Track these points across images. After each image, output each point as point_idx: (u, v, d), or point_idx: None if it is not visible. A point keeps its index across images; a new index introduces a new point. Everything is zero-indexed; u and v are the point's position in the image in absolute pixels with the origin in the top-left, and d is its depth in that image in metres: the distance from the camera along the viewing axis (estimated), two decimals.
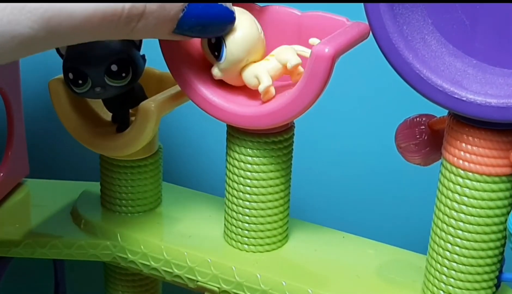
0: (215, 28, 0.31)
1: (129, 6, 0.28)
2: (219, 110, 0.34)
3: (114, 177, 0.39)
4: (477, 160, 0.30)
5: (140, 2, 0.28)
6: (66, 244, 0.39)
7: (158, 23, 0.29)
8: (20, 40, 0.26)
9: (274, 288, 0.35)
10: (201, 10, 0.30)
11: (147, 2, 0.28)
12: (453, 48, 0.30)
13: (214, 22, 0.31)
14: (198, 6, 0.30)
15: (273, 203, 0.36)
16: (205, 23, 0.30)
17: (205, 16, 0.30)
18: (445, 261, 0.32)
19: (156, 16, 0.28)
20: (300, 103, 0.32)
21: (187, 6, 0.29)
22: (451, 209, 0.31)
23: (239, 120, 0.33)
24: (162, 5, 0.28)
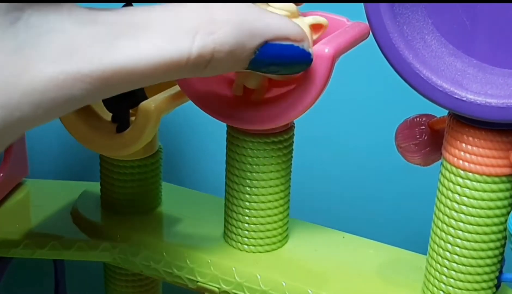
0: (291, 69, 0.29)
1: (195, 55, 0.25)
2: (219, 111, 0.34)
3: (114, 177, 0.39)
4: (477, 160, 0.30)
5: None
6: (66, 244, 0.39)
7: (228, 66, 0.27)
8: (73, 101, 0.24)
9: (274, 288, 0.35)
10: (276, 52, 0.27)
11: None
12: (453, 48, 0.30)
13: (290, 63, 0.29)
14: (274, 47, 0.27)
15: (273, 203, 0.36)
16: (280, 63, 0.28)
17: (279, 58, 0.28)
18: (445, 261, 0.32)
19: (225, 61, 0.26)
20: (300, 103, 0.32)
21: (260, 49, 0.27)
22: (451, 209, 0.31)
23: (239, 122, 0.33)
24: (232, 51, 0.26)
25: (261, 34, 0.27)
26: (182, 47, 0.25)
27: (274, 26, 0.27)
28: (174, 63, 0.25)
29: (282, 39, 0.27)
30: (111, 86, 0.24)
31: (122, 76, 0.24)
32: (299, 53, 0.28)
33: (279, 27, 0.27)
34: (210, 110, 0.34)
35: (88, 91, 0.23)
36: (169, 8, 0.26)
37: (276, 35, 0.27)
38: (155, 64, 0.24)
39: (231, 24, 0.26)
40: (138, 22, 0.25)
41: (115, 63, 0.24)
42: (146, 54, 0.24)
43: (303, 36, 0.28)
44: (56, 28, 0.23)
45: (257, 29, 0.26)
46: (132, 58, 0.24)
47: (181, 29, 0.25)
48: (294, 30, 0.28)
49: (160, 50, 0.24)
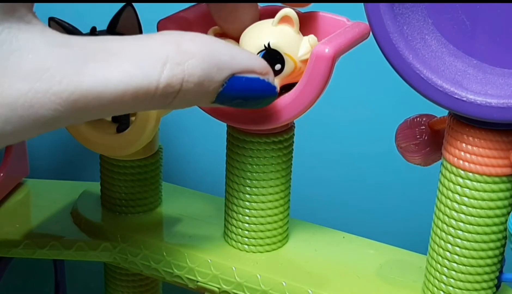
0: (256, 103, 0.30)
1: (164, 85, 0.25)
2: (219, 110, 0.34)
3: (114, 177, 0.39)
4: (477, 160, 0.30)
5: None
6: (66, 244, 0.39)
7: (196, 98, 0.27)
8: (42, 122, 0.24)
9: (274, 288, 0.35)
10: (242, 85, 0.28)
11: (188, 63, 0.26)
12: (454, 48, 0.30)
13: (256, 96, 0.29)
14: (240, 80, 0.28)
15: (273, 203, 0.36)
16: (247, 96, 0.29)
17: (246, 91, 0.28)
18: (445, 261, 0.32)
19: (194, 93, 0.26)
20: (300, 103, 0.32)
21: (227, 81, 0.27)
22: (451, 209, 0.31)
23: (239, 121, 0.33)
24: (200, 83, 0.26)
25: (229, 67, 0.27)
26: (151, 75, 0.25)
27: (240, 59, 0.28)
28: (143, 91, 0.25)
29: (248, 72, 0.28)
30: (81, 109, 0.24)
31: (91, 99, 0.24)
32: (264, 86, 0.29)
33: (246, 60, 0.28)
34: (210, 110, 0.34)
35: (57, 112, 0.24)
36: (141, 38, 0.26)
37: (243, 68, 0.28)
38: (123, 90, 0.25)
39: (200, 56, 0.26)
40: (110, 48, 0.25)
41: (84, 86, 0.24)
42: (115, 79, 0.25)
43: (268, 70, 0.29)
44: (27, 47, 0.24)
45: (225, 61, 0.27)
46: (100, 82, 0.24)
47: (151, 57, 0.25)
48: (259, 63, 0.29)
49: (129, 76, 0.25)
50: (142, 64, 0.25)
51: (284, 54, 0.32)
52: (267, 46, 0.31)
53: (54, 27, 0.36)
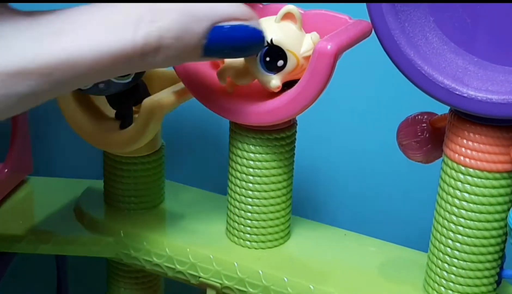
0: (246, 51, 0.29)
1: (141, 44, 0.25)
2: (222, 107, 0.34)
3: (117, 174, 0.40)
4: (478, 156, 0.30)
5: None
6: (69, 240, 0.39)
7: (180, 54, 0.26)
8: (19, 98, 0.24)
9: (276, 284, 0.35)
10: (226, 34, 0.27)
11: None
12: (455, 46, 0.30)
13: (243, 44, 0.28)
14: (223, 30, 0.27)
15: (275, 200, 0.36)
16: (234, 46, 0.28)
17: (232, 40, 0.28)
18: (446, 257, 0.32)
19: (175, 48, 0.26)
20: (302, 100, 0.32)
21: (210, 33, 0.27)
22: (452, 206, 0.31)
23: (242, 117, 0.34)
24: (179, 37, 0.26)
25: (207, 17, 0.27)
26: (125, 36, 0.25)
27: (219, 8, 0.27)
28: (119, 54, 0.25)
29: (230, 19, 0.27)
30: (58, 82, 0.24)
31: (66, 71, 0.24)
32: (250, 32, 0.28)
33: (225, 8, 0.27)
34: (213, 107, 0.34)
35: (32, 87, 0.24)
36: (110, 4, 0.26)
37: (223, 16, 0.27)
38: (98, 56, 0.25)
39: (174, 11, 0.26)
40: (78, 18, 0.25)
41: (56, 59, 0.24)
42: (87, 46, 0.25)
43: (251, 15, 0.28)
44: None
45: (202, 12, 0.27)
46: (73, 52, 0.24)
47: (122, 19, 0.25)
48: (240, 9, 0.28)
49: (101, 41, 0.25)
50: (114, 27, 0.25)
51: (287, 51, 0.32)
52: (269, 42, 0.32)
53: None
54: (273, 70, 0.32)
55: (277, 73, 0.32)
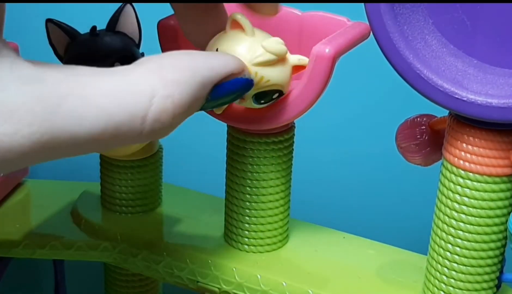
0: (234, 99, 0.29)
1: (152, 120, 0.23)
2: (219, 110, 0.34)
3: (114, 177, 0.39)
4: (477, 160, 0.30)
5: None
6: (66, 244, 0.39)
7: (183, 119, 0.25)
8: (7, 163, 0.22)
9: (274, 288, 0.35)
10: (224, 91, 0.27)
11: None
12: (454, 48, 0.30)
13: (237, 95, 0.29)
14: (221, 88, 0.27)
15: (273, 203, 0.36)
16: (229, 99, 0.28)
17: (228, 94, 0.28)
18: (445, 261, 0.32)
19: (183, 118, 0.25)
20: (300, 103, 0.32)
21: (210, 94, 0.26)
22: (451, 210, 0.31)
23: (239, 121, 0.33)
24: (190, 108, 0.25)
25: (211, 81, 0.26)
26: (134, 111, 0.23)
27: (218, 68, 0.27)
28: (125, 129, 0.23)
29: (228, 77, 0.27)
30: (53, 149, 0.22)
31: (64, 140, 0.22)
32: (243, 83, 0.28)
33: (223, 67, 0.27)
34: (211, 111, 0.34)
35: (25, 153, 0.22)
36: (120, 71, 0.24)
37: (222, 76, 0.27)
38: (101, 129, 0.23)
39: (185, 82, 0.25)
40: (86, 82, 0.23)
41: (56, 127, 0.22)
42: (91, 117, 0.23)
43: (244, 66, 0.28)
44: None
45: (206, 77, 0.26)
46: (74, 121, 0.22)
47: (132, 92, 0.23)
48: (235, 64, 0.28)
49: (107, 113, 0.23)
50: (122, 100, 0.23)
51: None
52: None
53: (52, 29, 0.36)
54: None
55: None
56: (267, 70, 0.30)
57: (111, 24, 0.36)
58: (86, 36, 0.36)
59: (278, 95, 0.31)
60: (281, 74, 0.30)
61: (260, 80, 0.30)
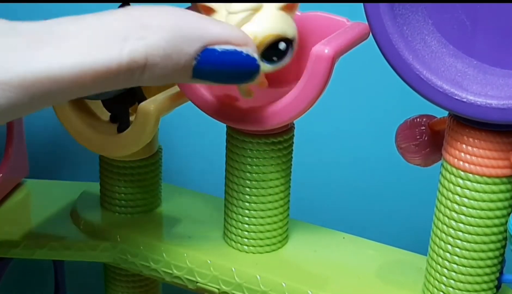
0: (238, 77, 0.28)
1: (127, 61, 0.24)
2: (218, 112, 0.34)
3: (113, 178, 0.39)
4: (477, 161, 0.30)
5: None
6: (66, 245, 0.39)
7: (168, 73, 0.26)
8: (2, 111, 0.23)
9: (274, 289, 0.35)
10: (217, 58, 0.26)
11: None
12: (454, 49, 0.30)
13: (235, 70, 0.27)
14: (214, 53, 0.26)
15: (273, 204, 0.36)
16: (225, 71, 0.27)
17: (223, 64, 0.27)
18: (445, 262, 0.32)
19: (162, 67, 0.25)
20: (300, 104, 0.32)
21: (200, 54, 0.26)
22: (451, 210, 0.31)
23: (239, 122, 0.33)
24: (168, 55, 0.25)
25: (199, 38, 0.26)
26: (110, 53, 0.24)
27: (212, 30, 0.26)
28: (104, 70, 0.24)
29: (223, 43, 0.26)
30: (38, 95, 0.23)
31: (46, 84, 0.23)
32: (242, 59, 0.27)
33: (218, 31, 0.27)
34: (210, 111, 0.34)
35: (11, 99, 0.23)
36: (97, 16, 0.25)
37: (215, 38, 0.26)
38: (80, 71, 0.24)
39: (164, 29, 0.25)
40: (62, 31, 0.24)
41: (36, 71, 0.23)
42: (70, 60, 0.24)
43: (247, 41, 0.28)
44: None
45: (194, 33, 0.26)
46: (54, 66, 0.23)
47: (109, 35, 0.24)
48: (235, 34, 0.27)
49: (84, 56, 0.24)
50: (99, 43, 0.24)
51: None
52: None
53: None
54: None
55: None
56: (247, 26, 0.29)
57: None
58: None
59: (286, 45, 0.30)
60: (263, 23, 0.29)
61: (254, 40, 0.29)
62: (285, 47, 0.30)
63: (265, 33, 0.29)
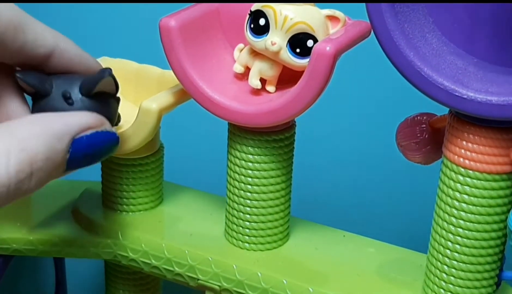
0: (105, 153, 0.31)
1: (15, 173, 0.26)
2: (221, 108, 0.34)
3: (115, 176, 0.39)
4: (477, 158, 0.30)
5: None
6: (67, 242, 0.39)
7: (49, 174, 0.28)
8: None
9: (275, 286, 0.35)
10: (85, 143, 0.29)
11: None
12: (454, 47, 0.30)
13: (101, 149, 0.30)
14: (82, 140, 0.29)
15: (274, 202, 0.36)
16: (93, 154, 0.30)
17: (91, 147, 0.29)
18: (445, 259, 0.32)
19: (45, 169, 0.27)
20: (301, 101, 0.32)
21: (71, 147, 0.28)
22: (451, 207, 0.31)
23: (240, 118, 0.34)
24: (47, 158, 0.27)
25: (67, 133, 0.28)
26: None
27: (73, 122, 0.29)
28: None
29: (85, 129, 0.29)
30: None
31: None
32: (105, 136, 0.30)
33: (79, 121, 0.29)
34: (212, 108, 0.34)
35: None
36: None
37: (79, 128, 0.29)
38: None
39: (39, 135, 0.27)
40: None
41: None
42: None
43: (103, 121, 0.30)
44: None
45: (61, 130, 0.28)
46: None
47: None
48: (92, 118, 0.30)
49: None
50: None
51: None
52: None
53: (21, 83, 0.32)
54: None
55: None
56: (289, 7, 0.32)
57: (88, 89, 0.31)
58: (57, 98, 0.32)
59: (313, 42, 0.32)
60: (305, 13, 0.32)
61: (285, 20, 0.32)
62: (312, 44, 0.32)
63: (300, 19, 0.32)
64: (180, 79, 0.34)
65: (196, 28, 0.34)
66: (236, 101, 0.34)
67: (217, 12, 0.35)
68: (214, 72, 0.34)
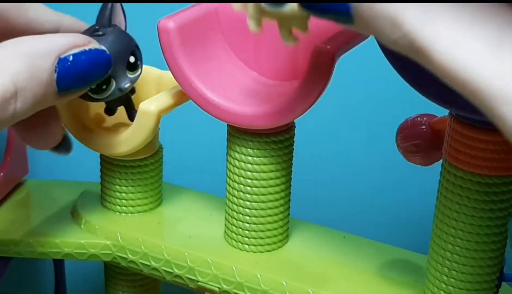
0: (97, 72, 0.30)
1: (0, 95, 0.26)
2: (220, 109, 0.34)
3: (114, 177, 0.39)
4: (477, 160, 0.30)
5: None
6: (66, 244, 0.39)
7: (37, 94, 0.27)
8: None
9: (274, 288, 0.35)
10: (73, 62, 0.29)
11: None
12: None
13: (92, 67, 0.30)
14: (68, 59, 0.28)
15: (273, 203, 0.36)
16: (84, 72, 0.29)
17: (79, 65, 0.29)
18: (446, 261, 0.32)
19: (30, 89, 0.27)
20: (300, 102, 0.32)
21: (57, 65, 0.28)
22: (451, 210, 0.31)
23: (240, 120, 0.33)
24: (31, 76, 0.27)
25: (51, 52, 0.28)
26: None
27: (58, 41, 0.29)
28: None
29: (71, 47, 0.29)
30: None
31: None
32: (93, 53, 0.30)
33: (64, 40, 0.29)
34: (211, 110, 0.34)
35: None
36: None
37: (64, 47, 0.29)
38: None
39: (18, 55, 0.27)
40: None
41: None
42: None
43: (89, 40, 0.30)
44: None
45: (43, 49, 0.28)
46: None
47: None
48: (78, 37, 0.30)
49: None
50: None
51: None
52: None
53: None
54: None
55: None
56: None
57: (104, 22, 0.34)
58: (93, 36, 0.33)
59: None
60: None
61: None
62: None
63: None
64: (178, 80, 0.34)
65: (195, 29, 0.34)
66: (235, 103, 0.33)
67: (216, 13, 0.35)
68: (213, 73, 0.34)
